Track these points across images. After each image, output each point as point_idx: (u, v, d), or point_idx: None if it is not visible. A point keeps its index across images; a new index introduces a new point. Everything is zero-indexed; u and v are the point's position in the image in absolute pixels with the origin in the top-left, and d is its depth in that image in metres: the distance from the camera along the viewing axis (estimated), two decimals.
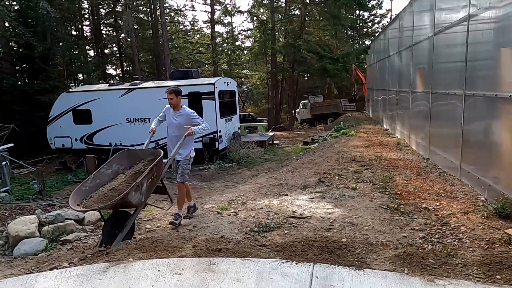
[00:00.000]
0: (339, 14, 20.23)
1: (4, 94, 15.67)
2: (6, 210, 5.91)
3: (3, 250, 4.46)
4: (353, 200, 4.80)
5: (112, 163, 3.83)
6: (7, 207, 6.27)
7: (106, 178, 3.76)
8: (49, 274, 2.61)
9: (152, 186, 3.78)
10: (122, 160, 3.92)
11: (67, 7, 21.29)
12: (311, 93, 31.28)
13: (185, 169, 4.62)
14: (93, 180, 3.67)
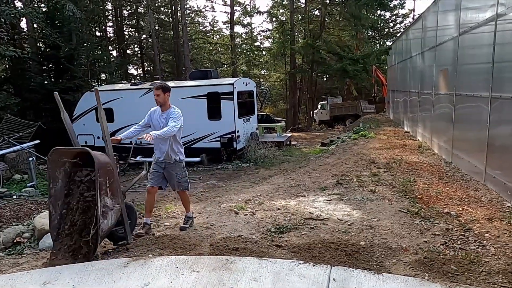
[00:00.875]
0: (359, 14, 19.94)
1: (31, 93, 16.31)
2: (32, 204, 6.14)
3: (29, 243, 4.64)
4: (371, 203, 4.73)
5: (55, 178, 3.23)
6: (33, 201, 6.50)
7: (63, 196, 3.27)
8: (72, 267, 2.70)
9: (115, 187, 3.24)
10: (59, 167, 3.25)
11: (92, 8, 21.91)
12: (330, 94, 30.97)
13: (181, 178, 4.18)
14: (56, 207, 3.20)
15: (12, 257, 4.07)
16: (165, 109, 4.11)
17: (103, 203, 3.03)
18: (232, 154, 11.25)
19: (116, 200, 3.21)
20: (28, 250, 4.38)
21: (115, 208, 3.19)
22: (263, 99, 20.62)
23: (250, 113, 12.39)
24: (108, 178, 3.12)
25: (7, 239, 4.72)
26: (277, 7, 28.07)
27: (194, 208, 5.40)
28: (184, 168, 4.25)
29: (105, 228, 3.04)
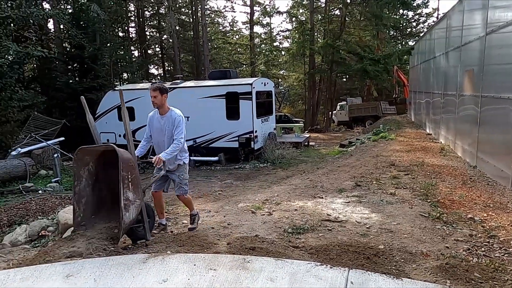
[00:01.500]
0: (381, 13, 19.56)
1: (57, 92, 16.89)
2: (56, 199, 6.36)
3: (54, 236, 4.81)
4: (391, 206, 4.63)
5: (80, 176, 3.33)
6: (58, 196, 6.74)
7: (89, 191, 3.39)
8: (94, 261, 2.78)
9: (136, 183, 3.31)
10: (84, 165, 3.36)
11: (115, 9, 22.45)
12: (349, 94, 30.54)
13: (182, 180, 4.01)
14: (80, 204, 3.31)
15: (37, 249, 4.22)
16: (164, 112, 3.88)
17: (125, 196, 3.09)
18: (249, 154, 11.28)
19: (137, 195, 3.28)
20: (52, 243, 4.53)
21: (136, 202, 3.26)
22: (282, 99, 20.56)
23: (268, 113, 12.39)
24: (130, 173, 3.19)
25: (33, 232, 4.91)
26: (297, 7, 27.94)
27: (212, 207, 5.45)
28: (186, 171, 4.07)
29: (127, 221, 3.11)
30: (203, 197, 6.67)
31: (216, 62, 30.30)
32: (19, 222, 5.36)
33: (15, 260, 3.21)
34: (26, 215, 5.58)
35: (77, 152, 3.27)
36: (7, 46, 12.63)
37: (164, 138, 3.89)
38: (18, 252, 4.09)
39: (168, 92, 4.02)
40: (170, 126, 3.82)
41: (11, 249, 4.34)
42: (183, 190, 4.03)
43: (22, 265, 2.88)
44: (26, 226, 5.06)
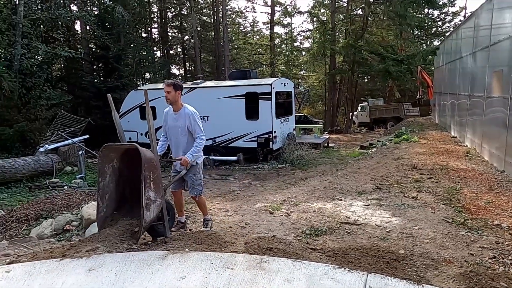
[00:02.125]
0: (405, 13, 19.08)
1: (83, 91, 17.46)
2: (80, 195, 6.56)
3: (77, 231, 4.97)
4: (413, 210, 4.52)
5: (104, 172, 3.39)
6: (82, 192, 6.96)
7: (112, 187, 3.46)
8: (115, 257, 2.85)
9: (158, 183, 3.35)
10: (108, 162, 3.42)
11: (139, 11, 22.98)
12: (371, 95, 30.01)
13: (195, 181, 3.98)
14: (103, 199, 3.38)
15: (62, 243, 4.37)
16: (177, 109, 3.89)
17: (146, 196, 3.14)
18: (268, 154, 11.28)
19: (158, 194, 3.32)
20: (76, 237, 4.68)
21: (157, 202, 3.31)
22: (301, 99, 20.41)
23: (287, 114, 12.35)
24: (152, 173, 3.23)
25: (58, 226, 5.09)
26: (318, 7, 27.68)
27: (230, 206, 5.49)
28: (199, 171, 4.03)
29: (148, 220, 3.17)
30: (222, 196, 6.72)
31: (236, 62, 30.46)
32: (45, 216, 5.56)
33: (41, 253, 3.34)
34: (52, 209, 5.78)
35: (102, 149, 3.34)
36: (37, 47, 13.17)
37: (179, 136, 3.90)
38: (44, 245, 4.25)
39: (188, 92, 4.06)
40: (185, 122, 3.84)
41: (37, 242, 4.52)
42: (196, 191, 4.02)
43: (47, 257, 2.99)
44: (52, 220, 5.24)
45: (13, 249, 3.99)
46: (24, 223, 5.48)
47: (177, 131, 3.90)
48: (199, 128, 3.83)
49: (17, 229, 5.34)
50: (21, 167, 9.58)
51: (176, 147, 3.96)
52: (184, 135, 3.86)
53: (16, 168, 9.43)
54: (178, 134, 3.90)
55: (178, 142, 3.91)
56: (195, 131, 3.81)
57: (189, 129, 3.84)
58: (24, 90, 12.59)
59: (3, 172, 9.06)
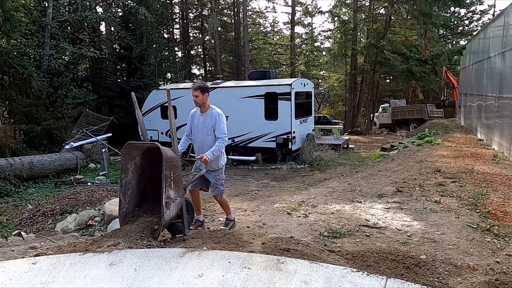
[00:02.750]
0: (430, 11, 18.53)
1: (106, 90, 17.95)
2: (103, 191, 6.75)
3: (100, 226, 5.11)
4: (435, 215, 4.39)
5: (127, 169, 3.48)
6: (104, 188, 7.16)
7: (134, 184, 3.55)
8: (135, 252, 2.92)
9: (178, 182, 3.41)
10: (131, 159, 3.51)
11: (162, 12, 23.40)
12: (393, 96, 29.37)
13: (218, 180, 4.06)
14: (125, 196, 3.48)
15: (85, 238, 4.51)
16: (205, 110, 3.98)
17: (167, 195, 3.20)
18: (287, 155, 11.24)
19: (178, 193, 3.38)
20: (98, 232, 4.82)
21: (177, 200, 3.37)
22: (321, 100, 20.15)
23: (307, 114, 12.26)
24: (172, 172, 3.29)
25: (81, 221, 5.25)
26: (339, 6, 27.35)
27: (248, 206, 5.50)
28: (222, 172, 4.11)
29: (167, 218, 3.24)
30: (240, 196, 6.75)
31: (256, 63, 30.52)
32: (70, 211, 5.76)
33: (65, 246, 3.46)
34: (76, 205, 5.97)
35: (125, 147, 3.44)
36: (64, 47, 13.63)
37: (204, 136, 3.96)
38: (68, 239, 4.39)
39: (210, 92, 4.10)
40: (210, 123, 3.90)
41: (62, 236, 4.69)
42: (219, 191, 4.09)
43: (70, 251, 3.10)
44: (76, 215, 5.42)
45: (39, 242, 4.15)
46: (50, 217, 5.69)
47: (202, 131, 3.97)
48: (223, 129, 3.89)
49: (44, 223, 5.56)
50: (48, 163, 9.95)
51: (200, 147, 4.02)
52: (209, 135, 3.93)
53: (43, 164, 9.80)
54: (204, 134, 3.96)
55: (202, 142, 3.98)
56: (218, 131, 3.88)
57: (214, 129, 3.91)
58: (52, 89, 13.07)
59: (31, 168, 9.44)
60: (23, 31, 11.93)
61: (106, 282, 2.52)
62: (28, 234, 4.86)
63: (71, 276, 2.60)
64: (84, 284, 2.52)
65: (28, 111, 12.49)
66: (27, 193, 8.39)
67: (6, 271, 2.69)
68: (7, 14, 11.03)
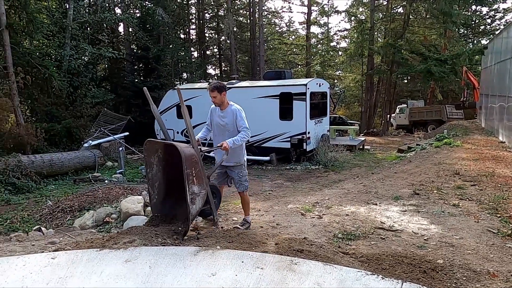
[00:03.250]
0: (450, 10, 18.07)
1: (124, 90, 18.29)
2: (120, 189, 6.87)
3: (116, 223, 5.21)
4: (453, 219, 4.28)
5: (151, 163, 3.64)
6: (121, 186, 7.28)
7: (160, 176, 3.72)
8: (150, 250, 2.96)
9: (200, 175, 3.52)
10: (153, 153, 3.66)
11: (178, 13, 23.68)
12: (411, 97, 28.79)
13: (242, 177, 4.14)
14: (153, 188, 3.66)
15: (102, 234, 4.61)
16: (224, 108, 4.04)
17: (191, 191, 3.34)
18: (301, 155, 11.18)
19: (202, 186, 3.51)
20: (115, 229, 4.91)
21: (202, 193, 3.51)
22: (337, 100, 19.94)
23: (322, 115, 12.17)
24: (193, 168, 3.40)
25: (99, 217, 5.37)
26: (356, 5, 27.01)
27: (262, 206, 5.50)
28: (244, 167, 4.19)
29: (194, 212, 3.40)
30: (254, 196, 6.75)
31: (272, 63, 30.49)
32: (87, 208, 5.89)
33: (83, 242, 3.54)
34: (94, 202, 6.10)
35: (145, 143, 3.58)
36: (84, 48, 13.97)
37: (224, 132, 4.04)
38: (85, 235, 4.50)
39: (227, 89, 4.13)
40: (230, 119, 3.98)
41: (80, 232, 4.80)
42: (243, 187, 4.17)
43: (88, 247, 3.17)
44: (93, 212, 5.54)
45: (58, 237, 4.26)
46: (68, 214, 5.84)
47: (223, 128, 4.05)
48: (244, 123, 3.95)
49: (63, 219, 5.71)
50: (67, 161, 10.22)
51: (217, 142, 4.08)
52: (230, 131, 4.00)
53: (63, 161, 10.07)
54: (224, 131, 4.04)
55: (222, 138, 4.02)
56: (240, 125, 3.94)
57: (235, 125, 3.98)
58: (72, 89, 13.42)
59: (51, 165, 9.71)
60: (45, 32, 12.29)
61: (121, 278, 2.57)
62: (48, 230, 5.00)
63: (88, 272, 2.66)
64: (100, 279, 2.57)
65: (49, 110, 12.87)
66: (47, 190, 8.64)
67: (27, 265, 2.78)
68: (30, 16, 11.40)
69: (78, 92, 13.85)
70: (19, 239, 4.19)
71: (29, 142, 10.50)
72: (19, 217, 6.07)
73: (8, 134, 10.32)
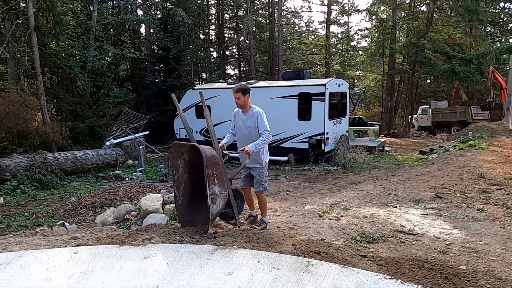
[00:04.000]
0: (476, 7, 17.42)
1: (145, 89, 18.65)
2: (139, 187, 7.01)
3: (135, 220, 5.32)
4: (478, 224, 4.14)
5: (177, 166, 3.74)
6: (141, 184, 7.43)
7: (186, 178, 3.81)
8: (168, 247, 3.01)
9: (222, 177, 3.60)
10: (179, 156, 3.75)
11: (198, 13, 23.93)
12: (433, 97, 28.03)
13: (262, 177, 4.19)
14: (179, 189, 3.74)
15: (122, 231, 4.71)
16: (246, 110, 4.13)
17: (211, 191, 3.42)
18: (319, 156, 11.08)
19: (223, 187, 3.58)
20: (134, 226, 5.02)
21: (222, 194, 3.58)
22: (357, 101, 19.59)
23: (341, 115, 12.01)
24: (215, 169, 3.50)
25: (119, 214, 5.49)
26: (378, 4, 26.48)
27: (279, 206, 5.49)
28: (265, 168, 4.25)
29: (214, 212, 3.48)
30: (271, 196, 6.74)
31: (290, 63, 30.34)
32: (108, 204, 6.04)
33: (104, 238, 3.64)
34: (115, 199, 6.25)
35: (172, 145, 3.71)
36: (107, 49, 14.34)
37: (247, 135, 4.13)
38: (106, 231, 4.61)
39: None
40: (253, 123, 4.07)
41: (101, 228, 4.93)
42: (262, 187, 4.22)
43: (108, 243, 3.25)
44: (114, 209, 5.67)
45: (80, 232, 4.39)
46: (90, 210, 6.01)
47: (245, 131, 4.16)
48: (265, 126, 4.01)
49: (85, 215, 5.88)
50: (90, 158, 10.51)
51: (243, 145, 4.16)
52: (252, 134, 4.09)
53: (86, 159, 10.37)
54: (247, 134, 4.14)
55: (245, 141, 4.13)
56: (261, 128, 4.02)
57: (256, 128, 4.06)
58: (95, 89, 13.80)
59: (75, 162, 10.02)
60: (71, 33, 12.69)
61: (140, 275, 2.62)
62: (71, 225, 5.17)
63: (108, 267, 2.73)
64: (119, 275, 2.63)
65: (73, 109, 13.28)
66: (71, 186, 8.92)
67: (51, 259, 2.88)
68: (56, 18, 11.80)
69: (101, 92, 14.22)
70: (44, 233, 4.34)
71: (55, 140, 10.86)
72: (44, 212, 6.29)
73: (35, 132, 10.71)
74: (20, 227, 5.61)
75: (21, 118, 9.91)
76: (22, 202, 7.44)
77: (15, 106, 9.71)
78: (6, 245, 3.45)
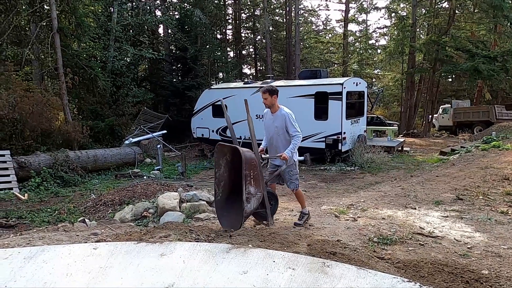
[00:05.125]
0: (501, 3, 16.79)
1: (162, 89, 18.93)
2: (157, 185, 7.12)
3: (153, 218, 5.42)
4: (501, 227, 4.00)
5: (219, 164, 3.94)
6: (158, 183, 7.55)
7: (226, 176, 4.00)
8: (184, 245, 3.04)
9: (258, 178, 3.81)
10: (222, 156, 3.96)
11: (215, 13, 24.07)
12: (455, 96, 27.26)
13: (292, 176, 4.35)
14: (219, 186, 3.95)
15: (140, 228, 4.80)
16: (274, 111, 4.28)
17: (247, 191, 3.67)
18: (336, 156, 10.95)
19: (258, 189, 3.83)
20: (152, 223, 5.11)
21: (257, 195, 3.83)
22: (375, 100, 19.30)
23: (359, 115, 11.84)
24: (252, 171, 3.75)
25: (137, 211, 5.60)
26: (397, 1, 25.95)
27: (294, 206, 5.46)
28: (295, 166, 4.36)
29: (248, 211, 3.72)
30: (287, 196, 6.72)
31: (307, 62, 30.14)
32: (127, 202, 6.17)
33: (122, 235, 3.72)
34: (133, 196, 6.38)
35: (217, 146, 3.99)
36: (126, 49, 14.64)
37: (275, 135, 4.28)
38: (125, 228, 4.71)
39: (258, 91, 4.30)
40: (280, 123, 4.20)
41: (119, 225, 5.04)
42: (294, 185, 4.36)
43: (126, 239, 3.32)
44: (132, 206, 5.79)
45: (100, 229, 4.50)
46: (110, 207, 6.15)
47: (274, 131, 4.29)
48: (294, 127, 4.16)
49: (104, 212, 6.02)
50: (110, 157, 10.76)
51: (272, 144, 4.38)
52: (280, 134, 4.24)
53: (105, 157, 10.62)
54: (275, 133, 4.30)
55: (274, 140, 4.33)
56: (291, 130, 4.17)
57: (284, 129, 4.21)
58: (115, 89, 14.11)
59: (95, 160, 10.28)
60: (92, 35, 13.02)
61: (156, 271, 2.66)
62: (91, 221, 5.30)
63: (126, 263, 2.79)
64: (137, 271, 2.68)
65: (93, 108, 13.62)
66: (91, 184, 9.16)
67: (72, 254, 2.96)
68: (78, 20, 12.13)
69: (121, 92, 14.53)
70: (65, 229, 4.48)
71: (76, 139, 11.17)
72: (66, 209, 6.49)
73: (57, 131, 11.04)
74: (43, 222, 5.80)
75: (44, 117, 10.24)
76: (45, 198, 7.69)
77: (39, 106, 10.04)
78: (30, 239, 3.57)
